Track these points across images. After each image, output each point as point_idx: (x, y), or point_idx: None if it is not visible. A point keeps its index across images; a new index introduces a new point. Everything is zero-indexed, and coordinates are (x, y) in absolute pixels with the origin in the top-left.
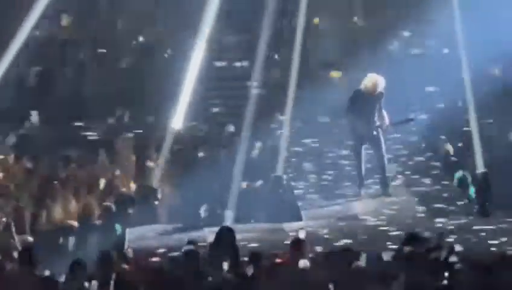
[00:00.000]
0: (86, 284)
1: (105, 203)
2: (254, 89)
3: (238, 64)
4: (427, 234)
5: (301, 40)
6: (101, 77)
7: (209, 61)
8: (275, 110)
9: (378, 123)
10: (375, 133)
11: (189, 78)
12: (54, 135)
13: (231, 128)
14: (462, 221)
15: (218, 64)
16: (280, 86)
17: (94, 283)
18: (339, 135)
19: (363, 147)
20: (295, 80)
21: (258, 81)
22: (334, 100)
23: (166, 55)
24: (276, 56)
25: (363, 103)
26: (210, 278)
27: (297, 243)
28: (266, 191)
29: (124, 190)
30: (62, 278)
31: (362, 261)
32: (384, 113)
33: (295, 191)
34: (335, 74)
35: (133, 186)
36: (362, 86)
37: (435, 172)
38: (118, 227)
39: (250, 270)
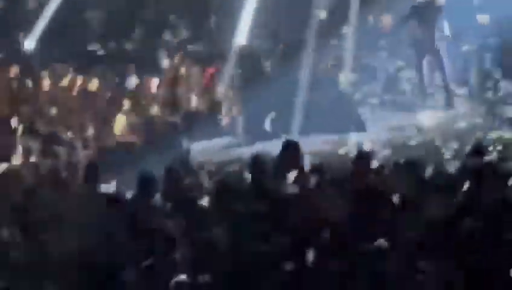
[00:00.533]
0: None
1: (171, 119)
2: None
3: None
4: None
5: None
6: None
7: None
8: (339, 24)
9: (438, 35)
10: (435, 44)
11: None
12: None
13: (295, 42)
14: None
15: None
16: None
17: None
18: (400, 46)
19: (425, 58)
20: None
21: None
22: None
23: None
24: None
25: (424, 14)
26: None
27: (362, 154)
28: (331, 103)
29: (187, 104)
30: (129, 195)
31: (428, 173)
32: (445, 24)
33: (359, 104)
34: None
35: (197, 100)
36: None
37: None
38: (184, 142)
39: (313, 182)
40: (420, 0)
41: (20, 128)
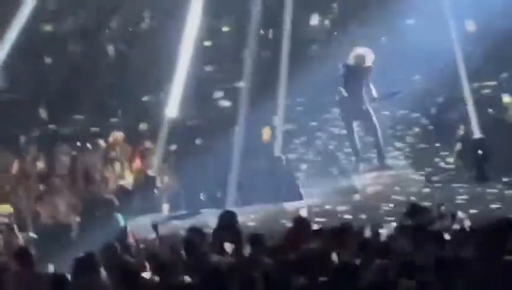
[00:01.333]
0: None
1: (106, 196)
2: (246, 71)
3: (228, 47)
4: (427, 204)
5: (290, 17)
6: (90, 69)
7: (200, 45)
8: (269, 91)
9: (366, 97)
10: (364, 107)
11: (181, 65)
12: (47, 130)
13: (226, 112)
14: (463, 188)
15: (209, 46)
16: (271, 66)
17: (103, 274)
18: (333, 112)
19: (355, 121)
20: (286, 59)
21: (249, 63)
22: (322, 77)
23: (156, 44)
24: (267, 35)
25: (351, 77)
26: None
27: (299, 221)
28: (265, 172)
29: (121, 180)
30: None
31: (366, 234)
32: (372, 86)
33: (294, 171)
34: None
35: (131, 176)
36: (350, 60)
37: (431, 141)
38: (119, 218)
39: (249, 252)
40: (350, 62)
41: None
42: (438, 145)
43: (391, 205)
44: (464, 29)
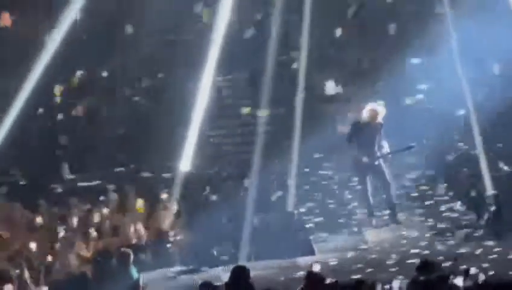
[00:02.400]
0: None
1: (122, 249)
2: (260, 126)
3: (242, 100)
4: (440, 259)
5: (304, 74)
6: (104, 122)
7: (214, 100)
8: (283, 146)
9: (378, 153)
10: (376, 163)
11: (195, 119)
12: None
13: (239, 167)
14: (476, 244)
15: (223, 102)
16: (285, 121)
17: None
18: (345, 168)
19: (368, 177)
20: (300, 115)
21: (263, 118)
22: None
23: (170, 97)
24: (279, 92)
25: (362, 134)
26: None
27: (312, 276)
28: (278, 228)
29: (135, 234)
30: None
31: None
32: (384, 142)
33: (307, 226)
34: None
35: (144, 230)
36: (362, 117)
37: (444, 197)
38: (133, 271)
39: None
40: (362, 118)
41: None
42: (449, 200)
43: (403, 260)
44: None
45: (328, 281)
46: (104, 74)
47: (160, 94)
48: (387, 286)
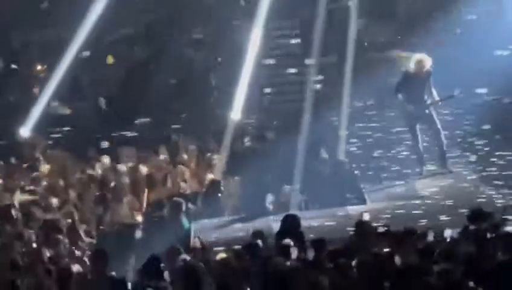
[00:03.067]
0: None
1: (173, 199)
2: (311, 73)
3: (293, 43)
4: (492, 208)
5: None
6: (155, 71)
7: (265, 49)
8: (333, 95)
9: (429, 101)
10: (427, 111)
11: (246, 70)
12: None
13: (291, 116)
14: None
15: (275, 51)
16: (336, 70)
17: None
18: (393, 116)
19: (418, 126)
20: (351, 64)
21: (314, 65)
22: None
23: (220, 48)
24: (332, 40)
25: (411, 83)
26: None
27: (362, 226)
28: (329, 176)
29: (185, 184)
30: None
31: (430, 238)
32: (433, 90)
33: (357, 175)
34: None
35: (195, 179)
36: (410, 67)
37: (495, 144)
38: (184, 221)
39: (312, 256)
40: (410, 68)
41: (19, 217)
42: (501, 148)
43: (454, 209)
44: None
45: (379, 229)
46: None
47: (211, 46)
48: (438, 235)
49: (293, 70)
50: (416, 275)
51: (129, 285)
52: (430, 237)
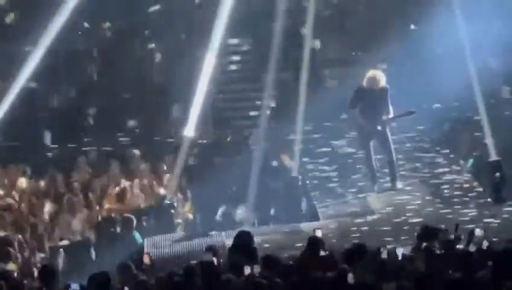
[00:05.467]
0: None
1: (124, 215)
2: (266, 92)
3: (248, 66)
4: (443, 225)
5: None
6: (109, 87)
7: (219, 66)
8: (288, 112)
9: (383, 118)
10: (379, 127)
11: (201, 84)
12: (64, 150)
13: (245, 132)
14: (477, 209)
15: (230, 67)
16: (291, 87)
17: None
18: (348, 132)
19: (371, 142)
20: (305, 81)
21: (269, 83)
22: (338, 98)
23: (176, 64)
24: (286, 57)
25: (364, 99)
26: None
27: (314, 242)
28: (282, 193)
29: (138, 199)
30: None
31: (383, 256)
32: (390, 107)
33: (310, 191)
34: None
35: (149, 195)
36: (364, 82)
37: (445, 160)
38: (137, 237)
39: (262, 273)
40: (364, 84)
41: None
42: (451, 164)
43: (405, 226)
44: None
45: (326, 252)
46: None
47: (166, 62)
48: (391, 253)
49: (247, 87)
50: None
51: None
52: (384, 254)
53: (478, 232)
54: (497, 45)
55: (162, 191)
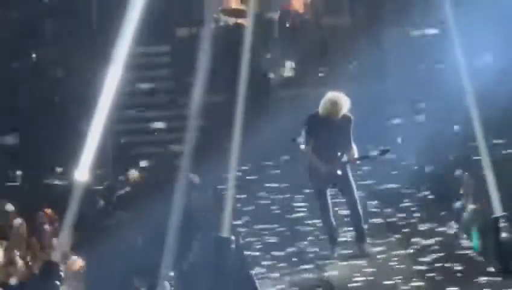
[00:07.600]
0: None
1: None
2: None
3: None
4: None
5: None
6: None
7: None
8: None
9: (345, 158)
10: (340, 172)
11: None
12: None
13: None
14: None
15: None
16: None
17: None
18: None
19: (328, 191)
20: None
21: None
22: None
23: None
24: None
25: (320, 132)
26: None
27: None
28: (210, 260)
29: (11, 267)
30: None
31: None
32: (354, 145)
33: (248, 256)
34: None
35: (26, 261)
36: (320, 109)
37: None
38: None
39: None
40: (319, 110)
41: None
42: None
43: None
44: None
45: None
46: None
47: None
48: None
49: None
50: None
51: None
52: None
53: None
54: None
55: (46, 254)
